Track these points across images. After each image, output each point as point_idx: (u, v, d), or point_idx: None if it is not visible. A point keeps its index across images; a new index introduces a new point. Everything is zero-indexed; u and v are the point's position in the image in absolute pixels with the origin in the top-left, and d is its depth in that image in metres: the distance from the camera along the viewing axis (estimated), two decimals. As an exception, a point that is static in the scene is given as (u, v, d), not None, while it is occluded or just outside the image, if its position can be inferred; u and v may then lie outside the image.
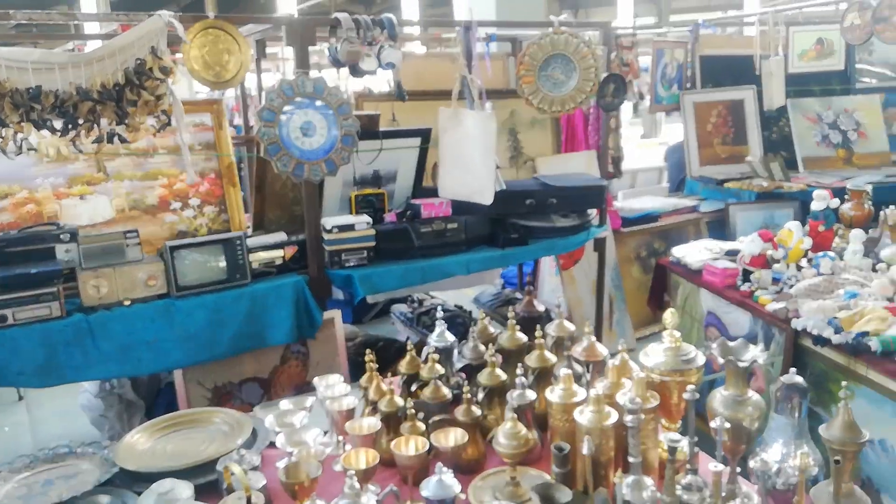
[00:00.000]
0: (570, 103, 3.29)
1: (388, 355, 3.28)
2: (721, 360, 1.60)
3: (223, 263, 2.60)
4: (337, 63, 2.79)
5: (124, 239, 2.49)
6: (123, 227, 2.64)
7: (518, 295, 4.47)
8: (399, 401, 1.81)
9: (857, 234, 3.10)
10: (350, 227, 2.82)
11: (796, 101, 5.15)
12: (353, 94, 3.53)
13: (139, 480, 1.72)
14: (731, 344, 1.65)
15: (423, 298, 4.39)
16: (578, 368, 1.92)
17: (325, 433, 1.93)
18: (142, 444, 1.90)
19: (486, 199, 2.92)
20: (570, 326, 2.15)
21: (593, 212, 3.48)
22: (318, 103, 2.68)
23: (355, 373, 2.39)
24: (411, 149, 3.33)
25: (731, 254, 3.23)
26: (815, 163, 5.04)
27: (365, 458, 1.58)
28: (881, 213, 3.37)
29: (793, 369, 1.61)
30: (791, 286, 2.82)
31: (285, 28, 2.72)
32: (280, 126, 2.62)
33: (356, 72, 2.81)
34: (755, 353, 1.61)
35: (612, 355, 1.89)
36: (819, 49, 5.20)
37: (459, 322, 3.88)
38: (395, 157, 3.32)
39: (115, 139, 2.40)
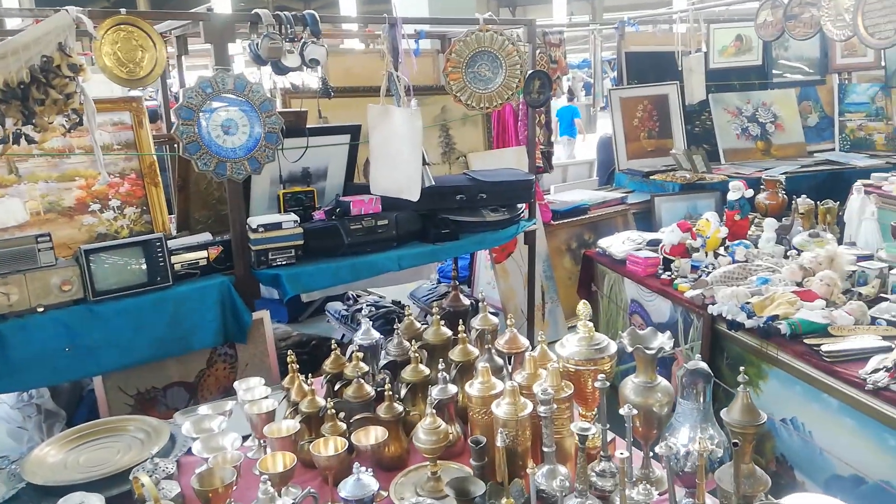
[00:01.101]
0: (497, 100, 3.33)
1: (322, 354, 3.25)
2: (630, 349, 1.66)
3: (143, 266, 2.54)
4: (258, 60, 2.74)
5: (35, 243, 2.39)
6: (39, 230, 2.54)
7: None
8: (321, 401, 1.81)
9: (770, 223, 3.25)
10: (277, 226, 2.78)
11: (718, 95, 5.36)
12: (279, 91, 3.48)
13: (49, 495, 1.66)
14: (640, 332, 1.71)
15: (359, 295, 4.37)
16: (499, 361, 1.96)
17: (248, 437, 1.92)
18: (52, 457, 1.83)
19: (413, 195, 2.94)
20: (494, 319, 2.18)
21: (523, 205, 3.54)
22: (240, 100, 2.63)
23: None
24: (341, 146, 3.32)
25: (654, 244, 3.35)
26: (735, 154, 5.26)
27: (282, 461, 1.57)
28: (794, 201, 3.54)
29: (697, 355, 1.69)
30: (708, 274, 2.94)
31: (203, 25, 2.66)
32: (199, 124, 2.56)
33: (279, 69, 2.78)
34: (662, 341, 1.68)
35: (535, 346, 1.93)
36: (738, 45, 5.42)
37: (394, 318, 3.88)
38: (325, 154, 3.29)
39: (22, 140, 2.30)
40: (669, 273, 3.08)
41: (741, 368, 1.52)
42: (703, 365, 1.60)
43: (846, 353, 2.30)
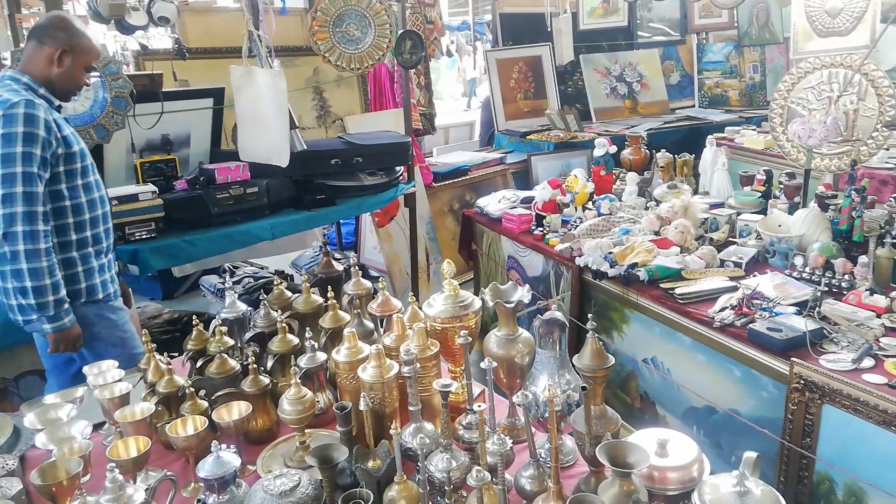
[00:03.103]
0: (368, 60, 3.27)
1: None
2: (491, 304, 1.70)
3: (-22, 248, 2.29)
4: (99, 18, 2.53)
5: None
6: None
7: (337, 256, 4.44)
8: (179, 380, 1.73)
9: (632, 177, 3.42)
10: (133, 198, 2.61)
11: (587, 56, 5.53)
12: (130, 53, 3.23)
13: None
14: (501, 287, 1.75)
15: (237, 267, 4.21)
16: (370, 325, 1.94)
17: (104, 425, 1.81)
18: None
19: (282, 161, 2.84)
20: (367, 284, 2.16)
21: (401, 168, 3.52)
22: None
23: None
24: (204, 110, 3.15)
25: (527, 201, 3.44)
26: (605, 113, 5.47)
27: (136, 446, 1.49)
28: (654, 156, 3.74)
29: (554, 306, 1.75)
30: (576, 228, 3.06)
31: (29, -23, 2.40)
32: (33, 90, 2.33)
33: (123, 28, 2.57)
34: (522, 294, 1.72)
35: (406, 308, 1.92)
36: (605, 7, 5.60)
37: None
38: (186, 120, 3.11)
39: None
40: (542, 229, 3.18)
41: (589, 315, 1.59)
42: (559, 314, 1.66)
43: (697, 294, 2.48)
